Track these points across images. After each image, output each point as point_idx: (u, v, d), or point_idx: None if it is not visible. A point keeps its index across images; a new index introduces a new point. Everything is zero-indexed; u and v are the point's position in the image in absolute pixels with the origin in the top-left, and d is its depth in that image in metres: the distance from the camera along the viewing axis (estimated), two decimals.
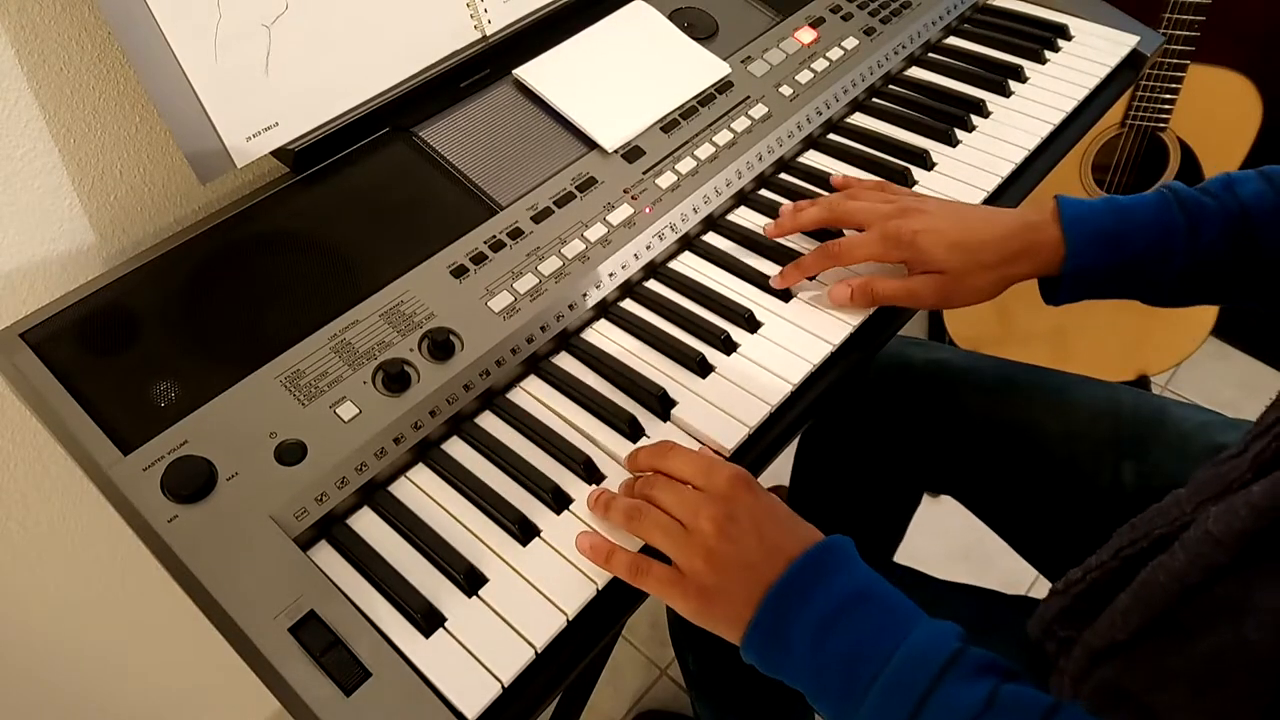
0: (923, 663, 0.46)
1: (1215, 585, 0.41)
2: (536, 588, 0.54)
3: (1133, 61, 0.94)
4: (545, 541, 0.56)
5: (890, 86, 0.91)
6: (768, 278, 0.71)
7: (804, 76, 0.84)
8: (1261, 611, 0.39)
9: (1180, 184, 0.68)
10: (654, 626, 1.41)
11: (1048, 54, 0.93)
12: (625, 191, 0.73)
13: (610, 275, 0.69)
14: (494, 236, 0.68)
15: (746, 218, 0.77)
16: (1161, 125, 1.37)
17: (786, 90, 0.83)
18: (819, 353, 0.67)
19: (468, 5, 0.75)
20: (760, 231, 0.75)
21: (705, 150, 0.77)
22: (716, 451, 0.61)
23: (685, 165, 0.76)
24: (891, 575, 0.52)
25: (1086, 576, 0.51)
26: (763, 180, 0.80)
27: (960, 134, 0.85)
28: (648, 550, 0.55)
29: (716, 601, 0.51)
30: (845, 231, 0.73)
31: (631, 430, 0.62)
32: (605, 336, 0.68)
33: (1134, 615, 0.44)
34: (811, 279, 0.72)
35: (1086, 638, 0.48)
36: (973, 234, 0.67)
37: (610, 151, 0.75)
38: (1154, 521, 0.49)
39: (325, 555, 0.55)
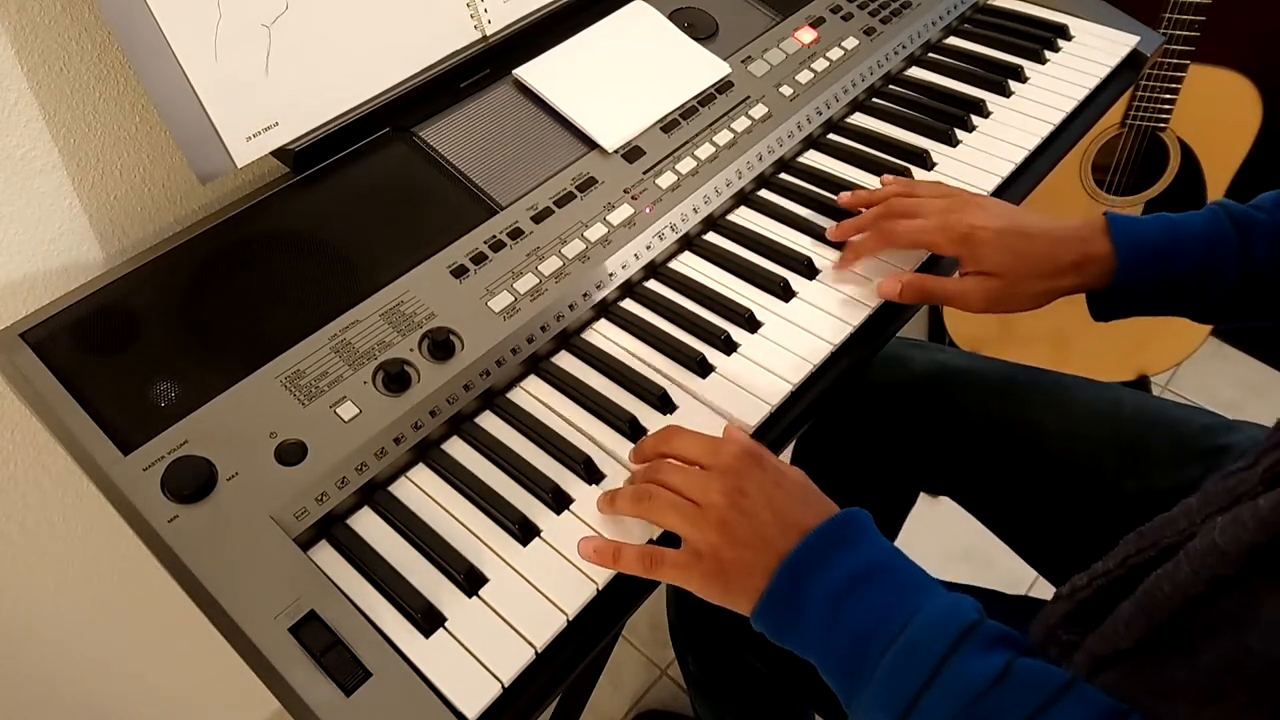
0: (938, 632, 0.46)
1: (1220, 597, 0.41)
2: (536, 588, 0.54)
3: (1133, 61, 0.94)
4: (545, 541, 0.56)
5: (890, 86, 0.91)
6: (768, 278, 0.72)
7: (804, 76, 0.84)
8: (1266, 624, 0.39)
9: (1231, 201, 0.67)
10: (654, 627, 1.41)
11: (1048, 54, 0.93)
12: (625, 191, 0.73)
13: (610, 275, 0.69)
14: (494, 236, 0.68)
15: (746, 218, 0.77)
16: (1161, 125, 1.37)
17: (787, 90, 0.83)
18: (819, 353, 0.67)
19: (468, 5, 0.75)
20: (760, 231, 0.75)
21: (705, 150, 0.77)
22: None
23: (685, 165, 0.76)
24: None
25: (1092, 583, 0.50)
26: (763, 180, 0.80)
27: (960, 134, 0.85)
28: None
29: (733, 576, 0.51)
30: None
31: (632, 430, 0.62)
32: (605, 336, 0.68)
33: (1138, 624, 0.44)
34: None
35: (1090, 644, 0.47)
36: (1027, 239, 0.66)
37: (610, 151, 0.75)
38: (1162, 531, 0.49)
39: (325, 555, 0.55)
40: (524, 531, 0.56)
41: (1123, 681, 0.45)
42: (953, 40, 0.97)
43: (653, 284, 0.72)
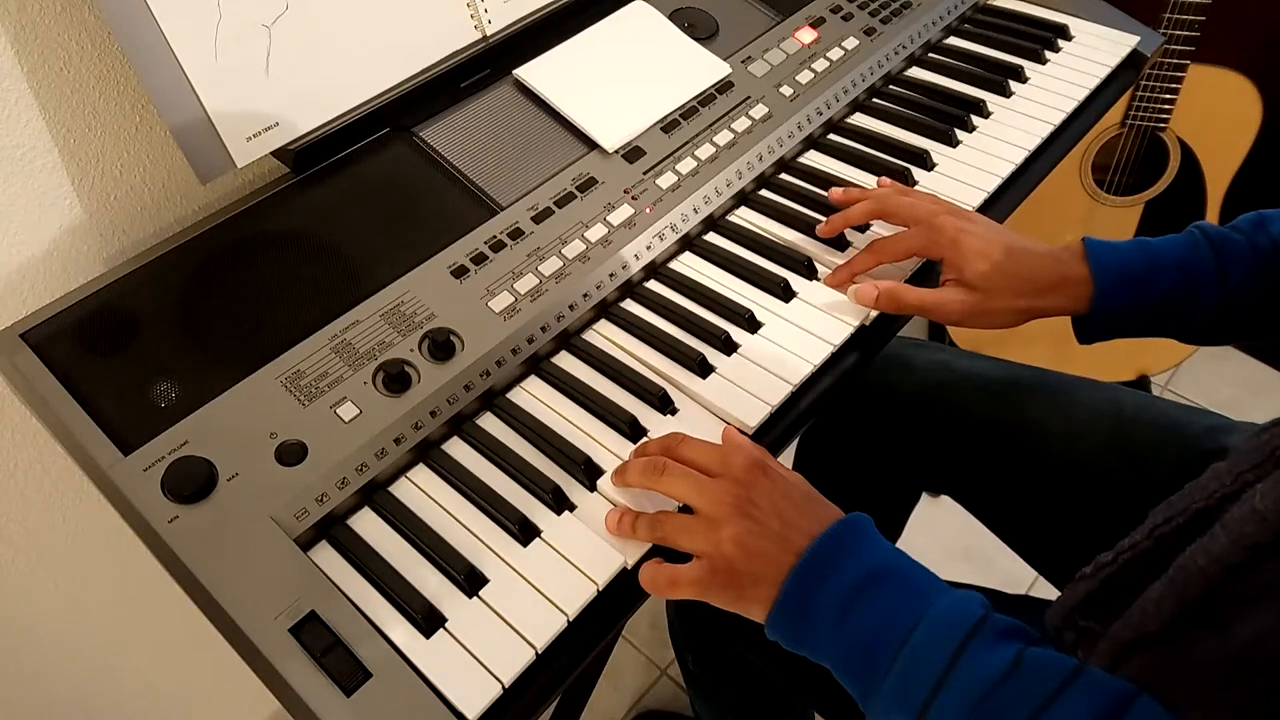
0: (948, 631, 0.46)
1: (1260, 565, 0.40)
2: (537, 588, 0.54)
3: (1133, 61, 0.94)
4: (545, 542, 0.56)
5: (890, 87, 0.91)
6: (768, 278, 0.72)
7: (804, 76, 0.84)
8: None
9: (1210, 224, 0.67)
10: (654, 627, 1.41)
11: (1048, 54, 0.93)
12: (626, 191, 0.73)
13: (611, 275, 0.69)
14: (494, 236, 0.68)
15: (747, 218, 0.77)
16: (1161, 125, 1.37)
17: (787, 90, 0.83)
18: (820, 353, 0.67)
19: (468, 5, 0.75)
20: (760, 232, 0.75)
21: (706, 150, 0.77)
22: None
23: (686, 165, 0.76)
24: None
25: (1118, 558, 0.50)
26: (763, 180, 0.80)
27: (960, 134, 0.85)
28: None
29: (747, 586, 0.52)
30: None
31: (632, 430, 0.62)
32: (606, 337, 0.68)
33: (1168, 603, 0.44)
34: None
35: (1115, 631, 0.47)
36: (1011, 255, 0.66)
37: (610, 151, 0.75)
38: (1191, 496, 0.48)
39: (326, 555, 0.55)
40: (524, 532, 0.56)
41: (1147, 669, 0.44)
42: (953, 40, 0.97)
43: (653, 284, 0.72)
